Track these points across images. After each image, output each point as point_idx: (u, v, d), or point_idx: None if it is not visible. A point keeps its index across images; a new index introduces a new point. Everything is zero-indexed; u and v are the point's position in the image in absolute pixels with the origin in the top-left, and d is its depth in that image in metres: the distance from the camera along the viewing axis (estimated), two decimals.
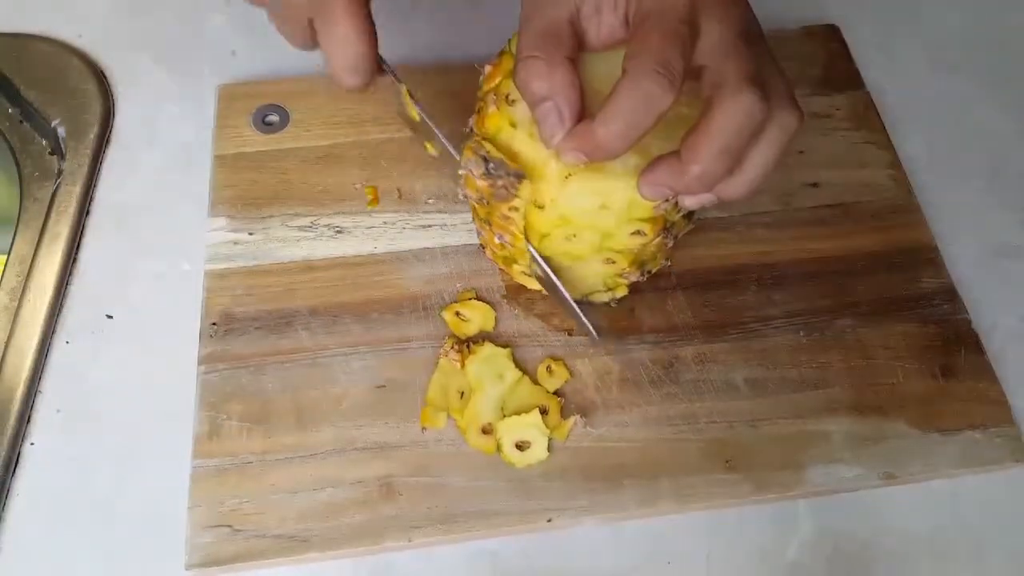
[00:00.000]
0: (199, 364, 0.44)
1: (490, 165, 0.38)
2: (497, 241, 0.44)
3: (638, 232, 0.38)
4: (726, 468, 0.42)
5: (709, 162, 0.33)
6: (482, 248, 0.47)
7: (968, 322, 0.47)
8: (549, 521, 0.41)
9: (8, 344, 0.45)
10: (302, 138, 0.52)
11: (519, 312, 0.46)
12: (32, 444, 0.43)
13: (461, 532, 0.40)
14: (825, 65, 0.56)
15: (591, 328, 0.43)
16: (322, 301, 0.46)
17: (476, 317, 0.46)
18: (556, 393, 0.44)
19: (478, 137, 0.40)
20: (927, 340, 0.46)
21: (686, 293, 0.47)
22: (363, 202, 0.50)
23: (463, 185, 0.40)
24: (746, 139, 0.33)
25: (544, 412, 0.43)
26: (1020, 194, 0.53)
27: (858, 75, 0.55)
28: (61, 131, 0.52)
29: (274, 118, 0.52)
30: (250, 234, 0.48)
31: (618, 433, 0.43)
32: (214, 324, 0.45)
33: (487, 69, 0.40)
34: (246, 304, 0.46)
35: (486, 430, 0.43)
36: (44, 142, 0.53)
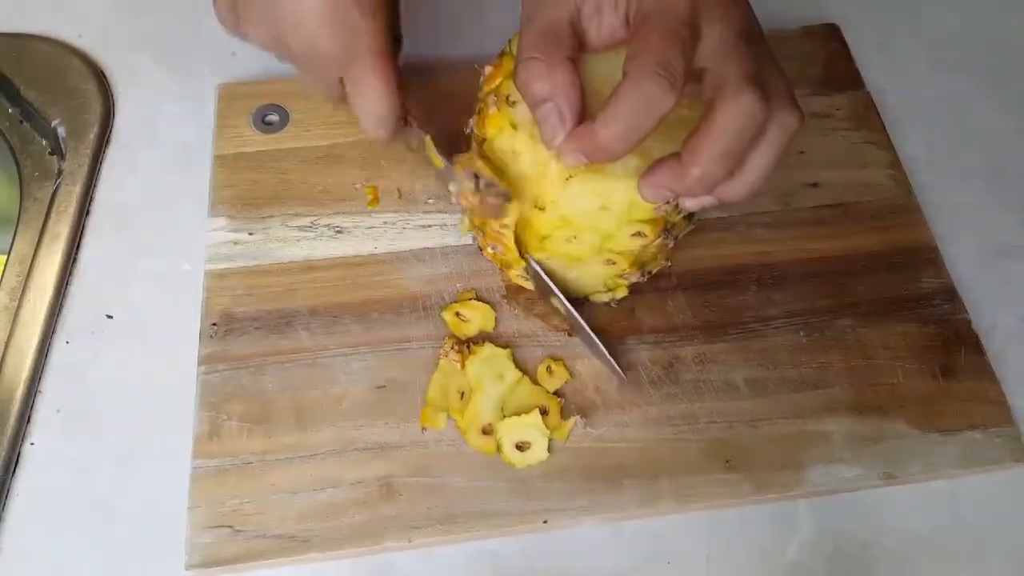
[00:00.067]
0: (199, 364, 0.44)
1: (480, 183, 0.38)
2: (491, 250, 0.44)
3: (638, 233, 0.38)
4: (726, 468, 0.42)
5: (710, 164, 0.33)
6: (480, 249, 0.47)
7: (968, 322, 0.47)
8: (545, 522, 0.41)
9: (8, 344, 0.45)
10: (302, 138, 0.52)
11: (519, 312, 0.46)
12: (32, 444, 0.43)
13: (461, 532, 0.40)
14: (825, 65, 0.56)
15: (618, 369, 0.43)
16: (322, 301, 0.46)
17: (476, 317, 0.46)
18: (556, 393, 0.44)
19: (470, 154, 0.40)
20: (927, 340, 0.46)
21: (686, 293, 0.47)
22: (363, 202, 0.50)
23: (457, 199, 0.40)
24: (747, 141, 0.33)
25: (544, 412, 0.43)
26: (1020, 194, 0.53)
27: (858, 75, 0.55)
28: (61, 131, 0.52)
29: (274, 118, 0.52)
30: (250, 234, 0.48)
31: (618, 433, 0.43)
32: (214, 324, 0.45)
33: (487, 70, 0.40)
34: (246, 304, 0.46)
35: (486, 430, 0.43)
36: (44, 142, 0.53)
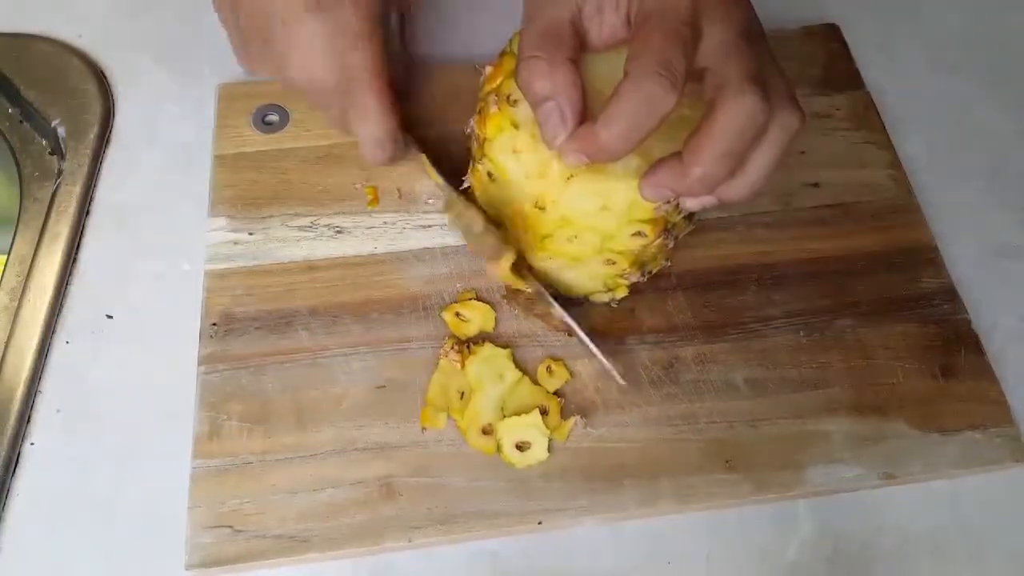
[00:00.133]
0: (199, 364, 0.44)
1: (475, 230, 0.39)
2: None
3: (639, 233, 0.38)
4: (726, 468, 0.42)
5: (711, 164, 0.33)
6: None
7: (968, 322, 0.47)
8: (539, 523, 0.41)
9: (8, 344, 0.45)
10: (302, 138, 0.52)
11: (519, 312, 0.46)
12: (32, 444, 0.43)
13: (461, 532, 0.40)
14: (825, 65, 0.55)
15: (616, 375, 0.43)
16: (322, 301, 0.46)
17: (476, 317, 0.46)
18: (556, 393, 0.44)
19: (464, 203, 0.40)
20: (927, 340, 0.46)
21: (686, 293, 0.47)
22: (363, 202, 0.50)
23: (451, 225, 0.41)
24: (748, 141, 0.33)
25: (544, 412, 0.43)
26: (1020, 194, 0.53)
27: (858, 75, 0.55)
28: (61, 131, 0.52)
29: (274, 118, 0.52)
30: (250, 234, 0.48)
31: (618, 433, 0.43)
32: (214, 324, 0.45)
33: (488, 70, 0.40)
34: (246, 304, 0.46)
35: (486, 430, 0.43)
36: (44, 142, 0.53)
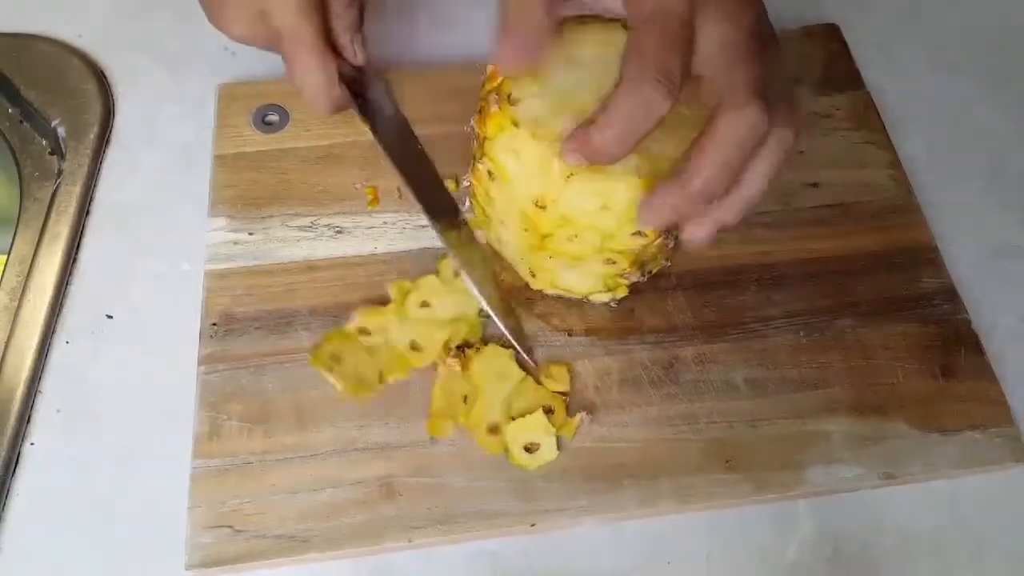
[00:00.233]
0: (199, 364, 0.44)
1: None
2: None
3: (639, 233, 0.38)
4: (726, 468, 0.42)
5: (711, 174, 0.33)
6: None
7: (968, 322, 0.47)
8: (533, 525, 0.41)
9: (8, 344, 0.45)
10: (302, 138, 0.52)
11: (519, 313, 0.46)
12: (32, 444, 0.43)
13: (461, 532, 0.40)
14: (825, 65, 0.55)
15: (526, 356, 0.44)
16: (322, 301, 0.46)
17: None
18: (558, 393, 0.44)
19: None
20: (927, 340, 0.46)
21: (686, 293, 0.47)
22: (363, 202, 0.50)
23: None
24: (748, 152, 0.33)
25: (550, 411, 0.43)
26: (1020, 194, 0.53)
27: (858, 75, 0.55)
28: (61, 131, 0.52)
29: (274, 118, 0.52)
30: (250, 234, 0.48)
31: (618, 433, 0.43)
32: (214, 324, 0.45)
33: (488, 69, 0.40)
34: (246, 304, 0.46)
35: (493, 430, 0.42)
36: (44, 142, 0.53)
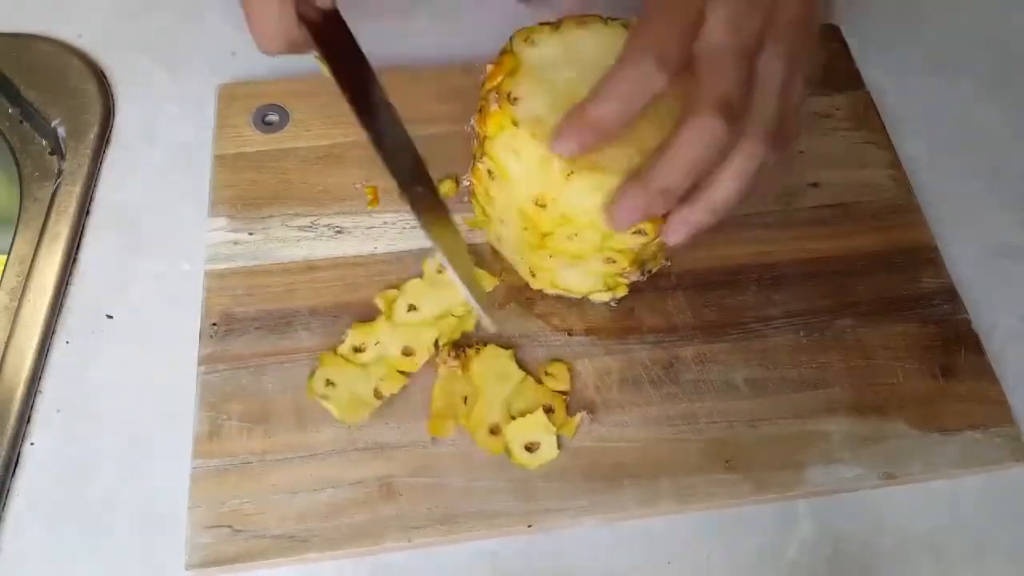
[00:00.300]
0: (199, 364, 0.44)
1: None
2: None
3: (639, 231, 0.38)
4: (726, 468, 0.42)
5: (670, 175, 0.34)
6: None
7: (968, 322, 0.47)
8: (534, 525, 0.41)
9: (8, 344, 0.45)
10: (302, 138, 0.52)
11: (521, 312, 0.46)
12: (32, 444, 0.43)
13: (461, 532, 0.40)
14: (825, 65, 0.55)
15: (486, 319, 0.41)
16: (322, 301, 0.46)
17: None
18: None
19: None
20: (927, 340, 0.46)
21: (686, 293, 0.47)
22: (363, 202, 0.50)
23: None
24: (709, 162, 0.34)
25: (550, 411, 0.43)
26: (1020, 194, 0.53)
27: (858, 75, 0.55)
28: (61, 131, 0.52)
29: (274, 118, 0.52)
30: (250, 234, 0.48)
31: (618, 433, 0.43)
32: (214, 324, 0.45)
33: (488, 68, 0.40)
34: (246, 304, 0.46)
35: (493, 430, 0.42)
36: (44, 142, 0.53)
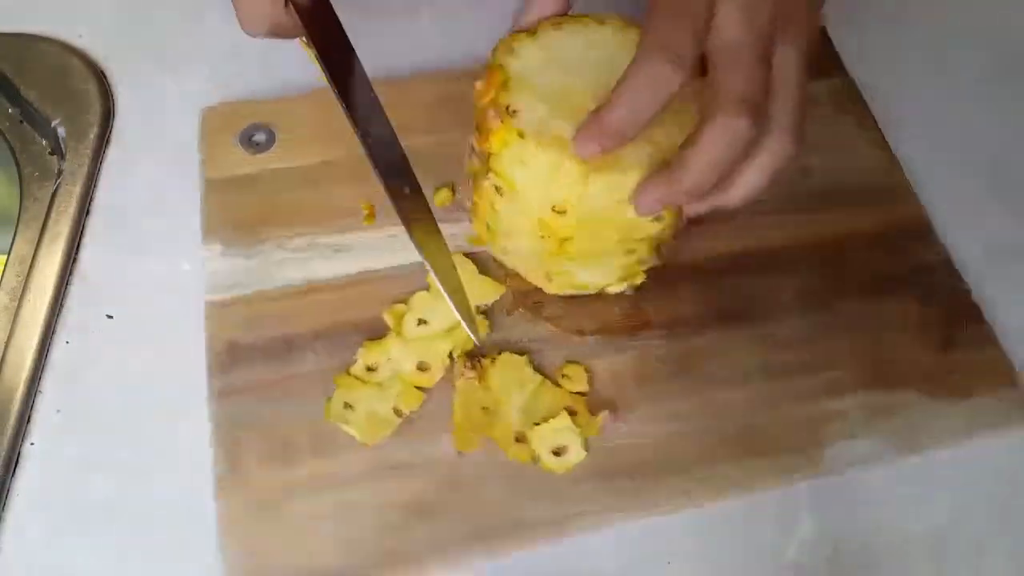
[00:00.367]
0: (209, 401, 0.43)
1: None
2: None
3: (658, 217, 0.39)
4: (751, 453, 0.43)
5: (698, 176, 0.34)
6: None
7: (968, 292, 0.48)
8: (563, 535, 0.40)
9: (8, 344, 0.45)
10: (291, 157, 0.50)
11: (530, 317, 0.46)
12: (32, 444, 0.43)
13: (500, 546, 0.40)
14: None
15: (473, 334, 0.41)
16: (329, 322, 0.45)
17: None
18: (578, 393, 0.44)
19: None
20: (930, 313, 0.47)
21: (692, 285, 0.47)
22: (360, 218, 0.49)
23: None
24: (735, 159, 0.34)
25: (573, 413, 0.43)
26: (1020, 194, 0.53)
27: (838, 58, 0.56)
28: (61, 131, 0.52)
29: (261, 137, 0.51)
30: (247, 259, 0.47)
31: (641, 429, 0.43)
32: (220, 357, 0.44)
33: (478, 85, 0.39)
34: (251, 332, 0.45)
35: (520, 438, 0.42)
36: (44, 142, 0.53)
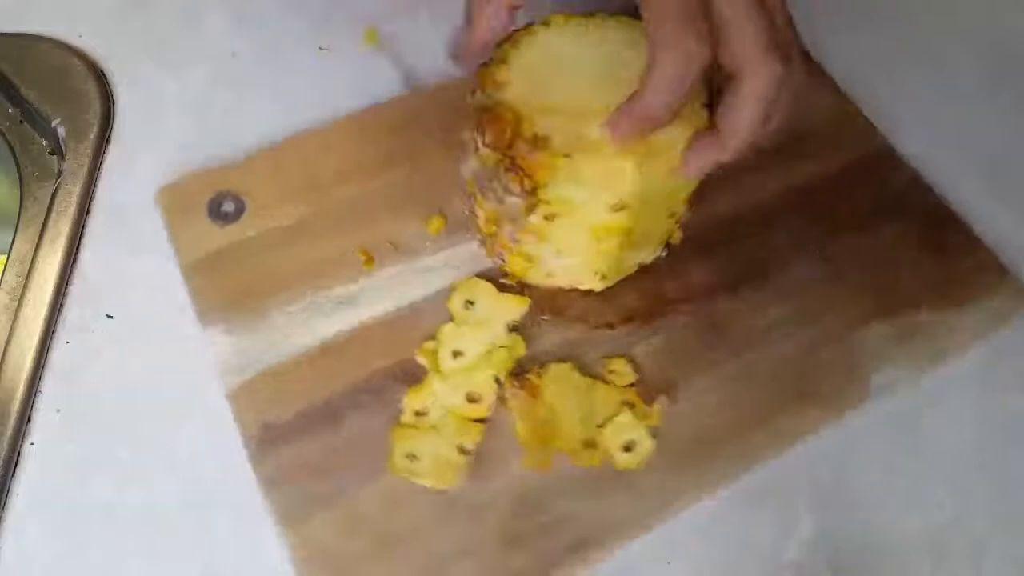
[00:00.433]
0: (261, 492, 0.40)
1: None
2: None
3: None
4: (803, 401, 0.44)
5: (748, 133, 0.35)
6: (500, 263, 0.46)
7: (946, 205, 0.50)
8: (651, 527, 0.41)
9: (8, 344, 0.45)
10: (267, 218, 0.48)
11: (557, 322, 0.46)
12: (32, 444, 0.43)
13: (595, 555, 0.40)
14: None
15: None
16: (358, 376, 0.43)
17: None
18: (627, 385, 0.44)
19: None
20: (916, 231, 0.50)
21: (700, 258, 0.48)
22: (358, 265, 0.47)
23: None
24: (775, 107, 0.35)
25: (630, 406, 0.43)
26: (1021, 194, 0.53)
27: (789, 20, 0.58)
28: (61, 131, 0.52)
29: (230, 207, 0.48)
30: (254, 334, 0.44)
31: (694, 405, 0.44)
32: (257, 442, 0.41)
33: (486, 139, 0.38)
34: (283, 408, 0.42)
35: (588, 444, 0.42)
36: (44, 142, 0.53)
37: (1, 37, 0.56)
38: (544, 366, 0.44)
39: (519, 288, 0.46)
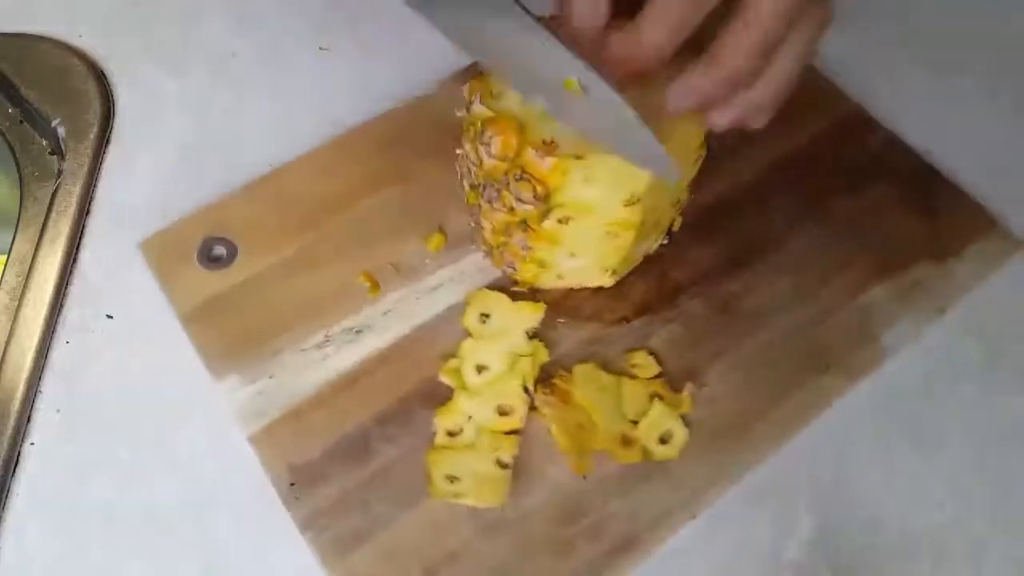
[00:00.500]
0: (303, 534, 0.40)
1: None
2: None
3: (698, 158, 0.40)
4: (824, 370, 0.45)
5: (743, 57, 0.32)
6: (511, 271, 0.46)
7: (928, 164, 0.51)
8: (694, 516, 0.41)
9: (8, 344, 0.45)
10: (260, 259, 0.47)
11: (573, 323, 0.46)
12: (32, 444, 0.43)
13: (645, 551, 0.40)
14: None
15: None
16: (382, 406, 0.43)
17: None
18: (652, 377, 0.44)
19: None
20: (904, 190, 0.50)
21: (700, 242, 0.49)
22: (363, 292, 0.46)
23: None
24: (781, 34, 0.32)
25: (660, 397, 0.43)
26: (1020, 194, 0.53)
27: None
28: (61, 131, 0.52)
29: (221, 251, 0.47)
30: (270, 377, 0.44)
31: (722, 389, 0.44)
32: (292, 485, 0.41)
33: (494, 154, 0.38)
34: (309, 448, 0.42)
35: (625, 441, 0.42)
36: (44, 142, 0.53)
37: (1, 37, 0.56)
38: (568, 369, 0.44)
39: (531, 294, 0.46)
